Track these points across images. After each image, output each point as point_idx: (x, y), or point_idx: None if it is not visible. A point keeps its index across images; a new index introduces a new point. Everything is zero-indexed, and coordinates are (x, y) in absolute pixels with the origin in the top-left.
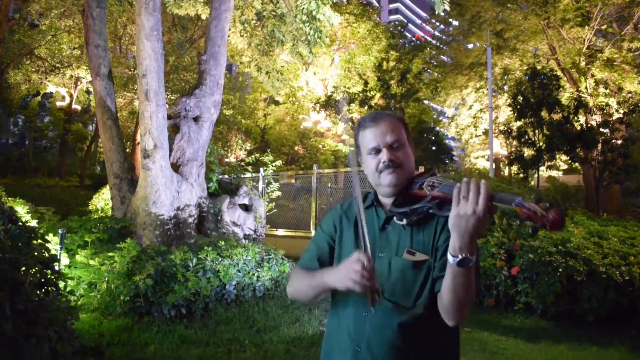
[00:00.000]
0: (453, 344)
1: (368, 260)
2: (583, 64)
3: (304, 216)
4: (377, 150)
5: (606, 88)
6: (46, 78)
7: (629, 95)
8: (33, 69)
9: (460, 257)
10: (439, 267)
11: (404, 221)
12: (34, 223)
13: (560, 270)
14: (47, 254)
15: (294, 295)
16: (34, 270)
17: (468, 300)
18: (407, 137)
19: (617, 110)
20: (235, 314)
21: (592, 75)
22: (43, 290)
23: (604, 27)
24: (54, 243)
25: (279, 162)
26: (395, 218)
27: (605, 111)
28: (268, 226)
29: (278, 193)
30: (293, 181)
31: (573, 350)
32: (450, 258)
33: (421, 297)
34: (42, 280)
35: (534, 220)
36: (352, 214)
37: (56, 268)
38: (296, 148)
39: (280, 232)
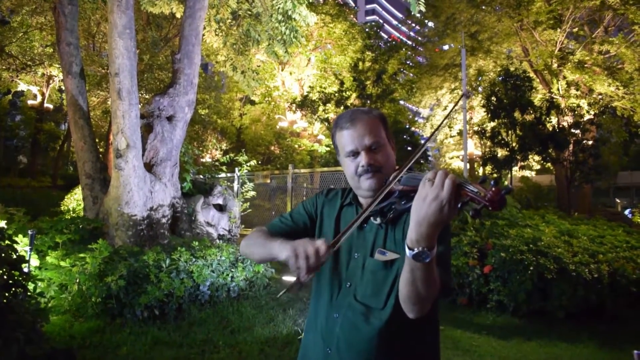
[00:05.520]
0: (430, 348)
1: (325, 253)
2: (555, 65)
3: None
4: (355, 154)
5: (577, 90)
6: (17, 76)
7: (599, 97)
8: (3, 67)
9: (416, 249)
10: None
11: (378, 220)
12: (2, 224)
13: (531, 268)
14: (14, 255)
15: (245, 251)
16: (0, 272)
17: (428, 296)
18: (386, 135)
19: (587, 112)
20: (209, 315)
21: (564, 77)
22: (11, 291)
23: (576, 29)
24: (23, 244)
25: (254, 162)
26: (371, 217)
27: (576, 112)
28: (243, 226)
29: (253, 193)
30: (269, 181)
31: (544, 346)
32: (406, 250)
33: (391, 298)
34: (10, 282)
35: (477, 201)
36: (334, 205)
37: (25, 269)
38: (272, 148)
39: None
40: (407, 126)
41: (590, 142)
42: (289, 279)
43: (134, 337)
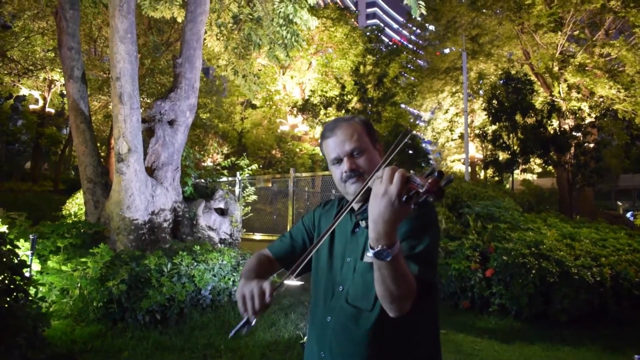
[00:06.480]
0: (428, 350)
1: (270, 294)
2: (556, 68)
3: (281, 220)
4: (339, 160)
5: (578, 92)
6: (19, 81)
7: (601, 99)
8: (5, 72)
9: (376, 248)
10: None
11: (363, 223)
12: (3, 229)
13: (533, 271)
14: (16, 260)
15: None
16: (2, 276)
17: (401, 294)
18: (370, 140)
19: (589, 115)
20: (211, 319)
21: (565, 80)
22: (12, 296)
23: (577, 33)
24: (24, 249)
25: (255, 166)
26: (360, 221)
27: (577, 115)
28: (244, 230)
29: (254, 197)
30: (270, 185)
31: (546, 350)
32: (369, 250)
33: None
34: (11, 286)
35: (419, 193)
36: (330, 215)
37: (26, 274)
38: (273, 152)
39: (257, 236)
40: (409, 129)
41: (591, 145)
42: (290, 282)
43: (136, 342)
